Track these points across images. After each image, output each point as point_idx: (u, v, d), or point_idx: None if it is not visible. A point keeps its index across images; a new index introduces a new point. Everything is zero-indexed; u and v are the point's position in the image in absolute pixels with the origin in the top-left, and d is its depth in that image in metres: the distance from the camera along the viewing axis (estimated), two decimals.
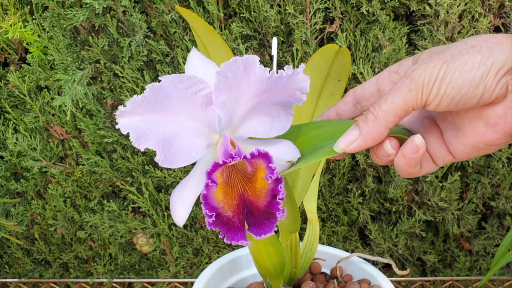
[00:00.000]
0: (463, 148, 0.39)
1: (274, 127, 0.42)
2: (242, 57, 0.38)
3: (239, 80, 0.38)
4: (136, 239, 0.97)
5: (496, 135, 0.37)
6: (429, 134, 0.42)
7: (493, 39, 0.36)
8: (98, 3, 0.78)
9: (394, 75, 0.43)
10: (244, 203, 0.40)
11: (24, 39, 0.85)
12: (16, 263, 1.02)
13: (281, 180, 0.39)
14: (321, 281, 0.67)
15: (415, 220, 0.92)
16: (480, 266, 0.98)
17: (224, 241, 0.40)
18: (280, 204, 0.39)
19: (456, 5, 0.80)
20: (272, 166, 0.39)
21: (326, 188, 0.92)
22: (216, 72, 0.38)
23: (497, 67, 0.34)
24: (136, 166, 0.91)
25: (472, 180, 0.92)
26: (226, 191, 0.40)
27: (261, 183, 0.40)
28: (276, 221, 0.40)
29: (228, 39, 0.83)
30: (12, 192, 0.97)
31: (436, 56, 0.36)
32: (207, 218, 0.39)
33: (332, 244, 0.96)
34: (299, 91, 0.40)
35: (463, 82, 0.35)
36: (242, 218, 0.40)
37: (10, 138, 0.91)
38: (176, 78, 0.37)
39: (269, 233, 0.40)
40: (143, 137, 0.37)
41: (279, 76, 0.38)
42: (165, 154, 0.39)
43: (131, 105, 0.37)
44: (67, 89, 0.85)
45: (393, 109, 0.36)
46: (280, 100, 0.41)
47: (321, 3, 0.81)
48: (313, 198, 0.67)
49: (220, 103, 0.39)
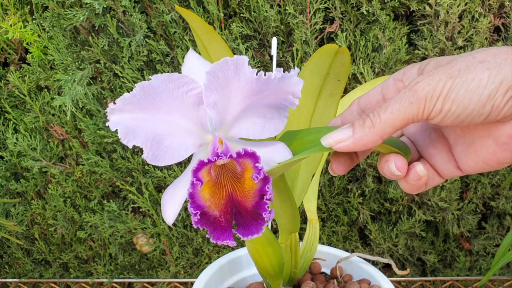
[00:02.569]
0: (474, 165, 0.38)
1: (267, 129, 0.41)
2: (232, 58, 0.38)
3: (229, 81, 0.38)
4: (136, 239, 0.97)
5: (508, 154, 0.36)
6: (437, 149, 0.40)
7: (502, 54, 0.34)
8: (98, 3, 0.78)
9: (398, 83, 0.42)
10: (233, 203, 0.40)
11: (24, 39, 0.85)
12: (16, 263, 1.02)
13: (268, 180, 0.39)
14: (321, 281, 0.67)
15: (415, 220, 0.92)
16: (480, 266, 0.98)
17: (211, 241, 0.39)
18: (267, 204, 0.39)
19: (456, 5, 0.80)
20: (259, 166, 0.39)
21: (326, 188, 0.92)
22: (206, 72, 0.38)
23: (506, 86, 0.32)
24: (136, 166, 0.91)
25: (472, 180, 0.92)
26: (214, 190, 0.40)
27: (249, 183, 0.40)
28: (264, 222, 0.39)
29: (228, 39, 0.83)
30: (12, 192, 0.97)
31: (442, 69, 0.35)
32: (192, 217, 0.39)
33: (332, 244, 0.96)
34: (292, 95, 0.40)
35: (469, 101, 0.33)
36: (229, 218, 0.40)
37: (10, 138, 0.91)
38: (167, 77, 0.37)
39: (257, 234, 0.40)
40: (132, 134, 0.38)
41: (267, 78, 0.38)
42: (154, 152, 0.39)
43: (120, 103, 0.37)
44: (67, 89, 0.85)
45: (392, 120, 0.35)
46: (273, 103, 0.40)
47: (321, 3, 0.81)
48: (313, 198, 0.67)
49: (211, 103, 0.39)
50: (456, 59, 0.35)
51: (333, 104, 0.53)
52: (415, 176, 0.39)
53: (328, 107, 0.53)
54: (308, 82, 0.51)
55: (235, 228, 0.40)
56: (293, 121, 0.54)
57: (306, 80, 0.52)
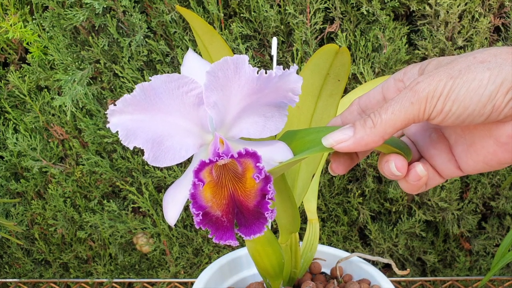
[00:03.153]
0: (475, 165, 0.38)
1: (267, 128, 0.41)
2: (232, 57, 0.38)
3: (230, 80, 0.38)
4: (136, 239, 0.97)
5: (508, 154, 0.36)
6: (438, 150, 0.40)
7: (503, 54, 0.34)
8: (98, 3, 0.78)
9: (399, 83, 0.42)
10: (234, 203, 0.40)
11: (24, 39, 0.85)
12: (16, 263, 1.02)
13: (270, 180, 0.39)
14: (321, 281, 0.67)
15: (415, 220, 0.92)
16: (480, 266, 0.98)
17: (213, 241, 0.39)
18: (269, 203, 0.39)
19: (456, 5, 0.80)
20: (260, 166, 0.38)
21: (326, 188, 0.92)
22: (206, 72, 0.38)
23: (507, 86, 0.32)
24: (136, 166, 0.91)
25: (472, 180, 0.92)
26: (216, 190, 0.40)
27: (250, 183, 0.40)
28: (266, 221, 0.40)
29: (228, 39, 0.83)
30: (12, 192, 0.97)
31: (443, 69, 0.35)
32: (195, 217, 0.39)
33: (332, 244, 0.96)
34: (291, 92, 0.40)
35: (469, 101, 0.33)
36: (231, 218, 0.40)
37: (10, 138, 0.91)
38: (167, 78, 0.37)
39: (259, 234, 0.40)
40: (133, 136, 0.38)
41: (268, 76, 0.38)
42: (155, 153, 0.39)
43: (121, 104, 0.37)
44: (67, 89, 0.85)
45: (393, 121, 0.35)
46: (273, 101, 0.40)
47: (321, 3, 0.81)
48: (313, 198, 0.67)
49: (212, 103, 0.39)
50: (457, 59, 0.35)
51: (333, 104, 0.53)
52: (415, 177, 0.39)
53: (328, 107, 0.53)
54: (309, 82, 0.51)
55: (237, 227, 0.40)
56: (293, 121, 0.54)
57: (307, 80, 0.52)
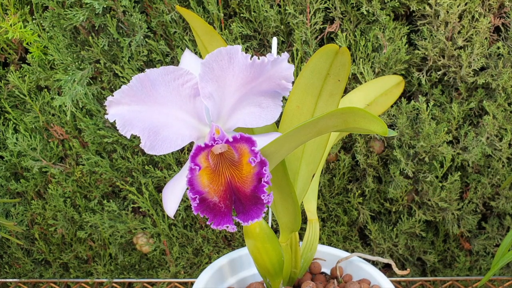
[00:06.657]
0: None
1: (263, 117, 0.43)
2: (226, 47, 0.38)
3: (224, 71, 0.39)
4: (136, 239, 0.97)
5: None
6: None
7: None
8: (98, 3, 0.78)
9: None
10: (232, 190, 0.41)
11: (24, 39, 0.85)
12: (16, 263, 1.02)
13: (265, 163, 0.40)
14: (321, 281, 0.67)
15: (415, 220, 0.92)
16: (480, 266, 0.98)
17: (211, 227, 0.40)
18: (265, 186, 0.40)
19: (456, 5, 0.80)
20: (255, 150, 0.39)
21: (326, 188, 0.92)
22: (201, 63, 0.39)
23: None
24: (136, 166, 0.91)
25: (472, 180, 0.92)
26: (213, 177, 0.41)
27: (247, 169, 0.40)
28: (263, 206, 0.40)
29: (228, 39, 0.83)
30: (12, 192, 0.97)
31: None
32: (192, 202, 0.40)
33: (332, 244, 0.96)
34: (284, 79, 0.40)
35: None
36: (229, 204, 0.41)
37: (10, 138, 0.91)
38: (163, 70, 0.38)
39: (257, 219, 0.40)
40: (129, 125, 0.39)
41: (261, 62, 0.39)
42: (151, 142, 0.40)
43: (118, 95, 0.38)
44: (67, 89, 0.85)
45: None
46: (267, 90, 0.41)
47: (321, 3, 0.81)
48: (313, 198, 0.67)
49: (207, 94, 0.40)
50: None
51: (334, 104, 0.53)
52: None
53: (328, 107, 0.53)
54: (309, 82, 0.52)
55: (235, 215, 0.41)
56: (294, 120, 0.54)
57: (307, 80, 0.52)
